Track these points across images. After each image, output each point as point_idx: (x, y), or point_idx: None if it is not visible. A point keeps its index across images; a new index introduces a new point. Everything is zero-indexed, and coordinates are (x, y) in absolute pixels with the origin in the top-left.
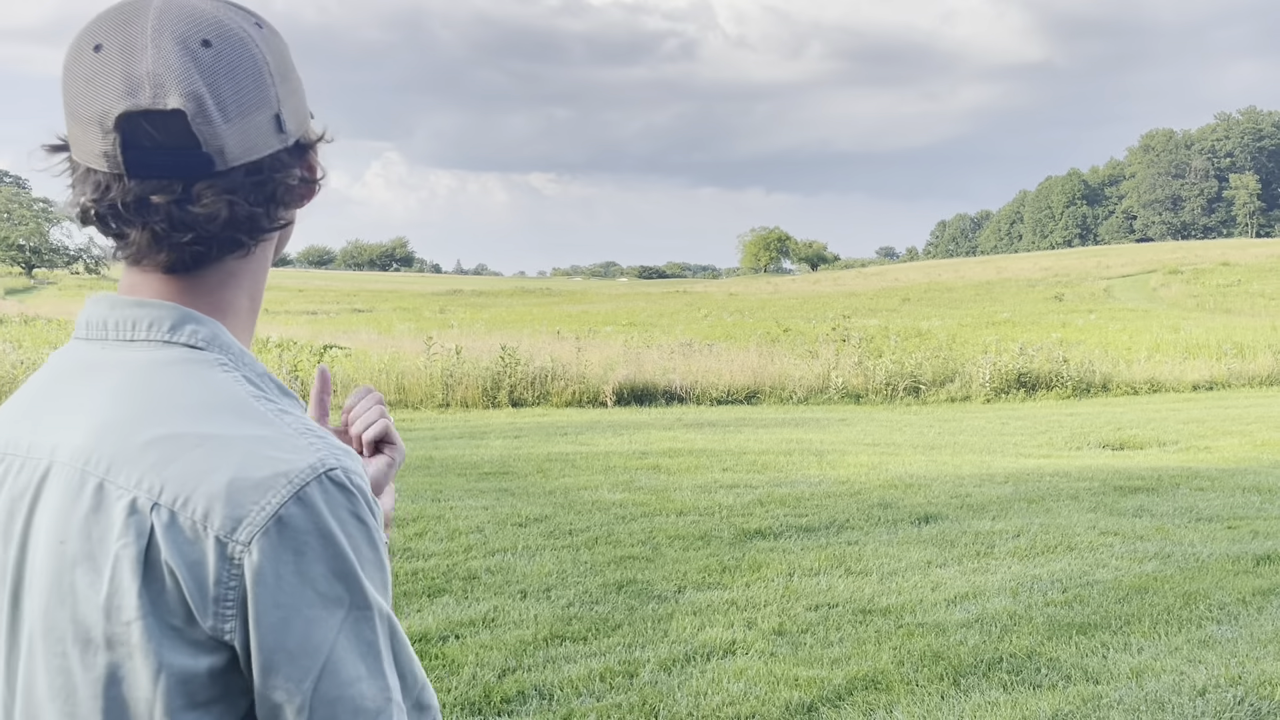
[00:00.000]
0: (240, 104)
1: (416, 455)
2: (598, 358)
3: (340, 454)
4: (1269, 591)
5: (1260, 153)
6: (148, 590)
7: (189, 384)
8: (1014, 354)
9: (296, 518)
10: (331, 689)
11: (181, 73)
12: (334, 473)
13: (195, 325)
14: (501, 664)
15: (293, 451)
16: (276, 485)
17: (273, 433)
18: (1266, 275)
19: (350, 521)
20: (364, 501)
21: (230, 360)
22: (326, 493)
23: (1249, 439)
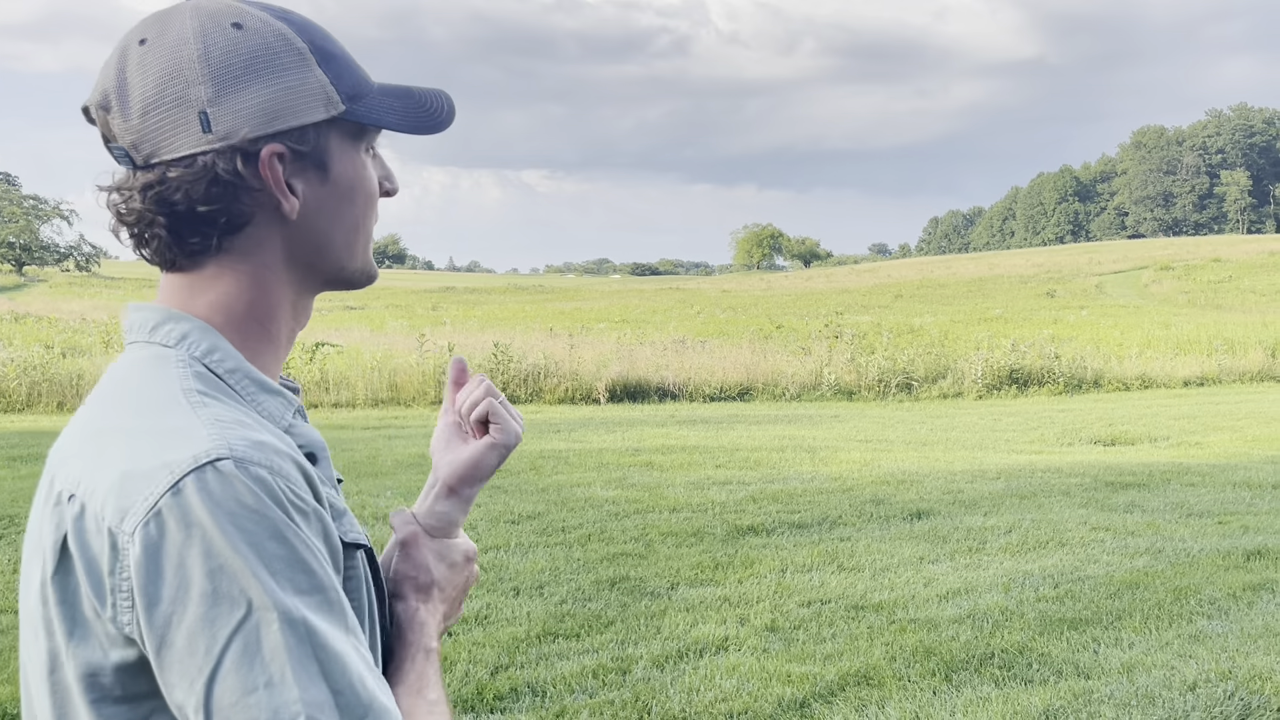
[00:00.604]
0: (145, 99)
1: (409, 453)
2: (591, 355)
3: (241, 444)
4: (1259, 586)
5: (1251, 149)
6: (60, 579)
7: (137, 381)
8: (1006, 350)
9: (174, 509)
10: (226, 694)
11: (109, 72)
12: (222, 463)
13: (172, 324)
14: (494, 661)
15: (184, 441)
16: (159, 476)
17: (177, 423)
18: (1257, 271)
19: (240, 513)
20: (263, 492)
21: (192, 356)
22: (207, 483)
23: (1240, 434)
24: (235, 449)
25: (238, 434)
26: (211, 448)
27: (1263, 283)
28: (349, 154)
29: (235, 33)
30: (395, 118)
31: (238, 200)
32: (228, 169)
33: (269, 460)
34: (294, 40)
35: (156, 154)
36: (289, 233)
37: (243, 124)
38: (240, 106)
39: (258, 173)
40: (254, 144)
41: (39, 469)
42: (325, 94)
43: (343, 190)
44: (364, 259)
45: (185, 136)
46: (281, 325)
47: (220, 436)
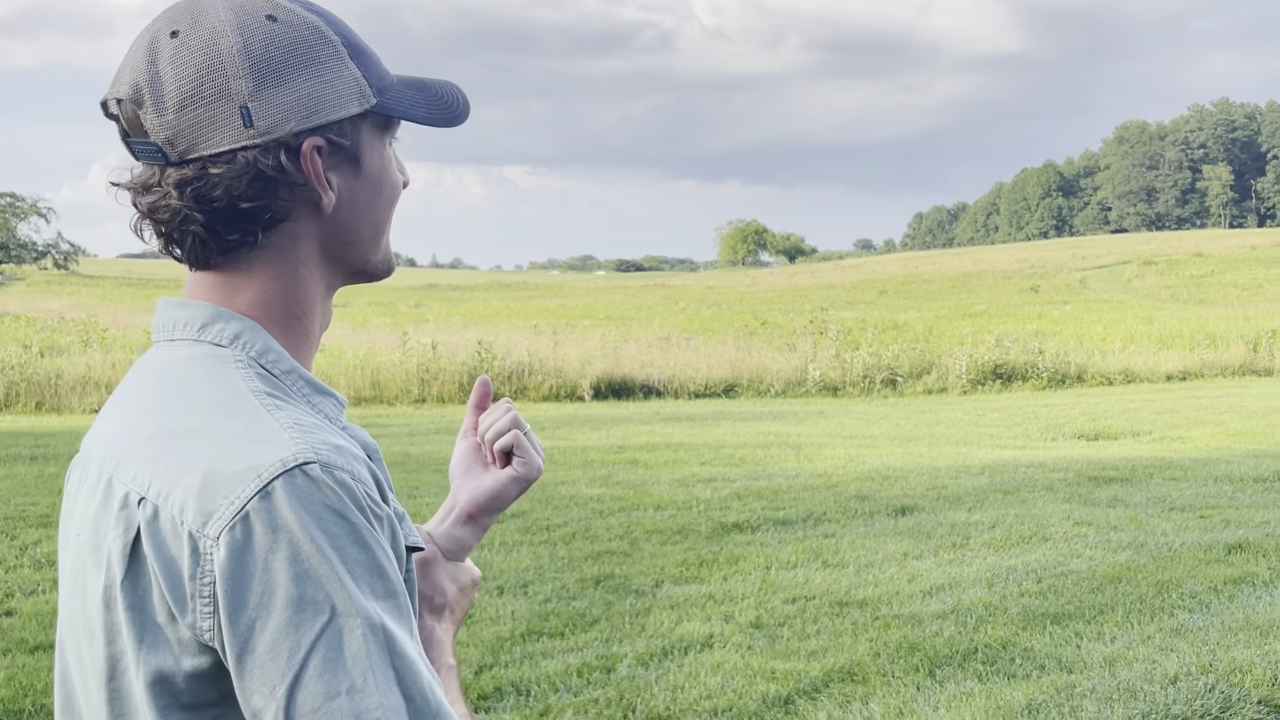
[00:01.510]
0: (182, 94)
1: (391, 451)
2: (575, 352)
3: (325, 448)
4: (1240, 580)
5: (1233, 144)
6: (131, 584)
7: (197, 380)
8: (990, 346)
9: (263, 513)
10: (309, 700)
11: (135, 64)
12: (309, 466)
13: (224, 324)
14: (479, 661)
15: (269, 445)
16: (245, 479)
17: (256, 427)
18: (1239, 266)
19: (328, 518)
20: (348, 497)
21: (250, 357)
22: (297, 487)
23: (1221, 428)
24: (320, 453)
25: (319, 438)
26: (298, 451)
27: (1244, 277)
28: (377, 147)
29: (271, 25)
30: (421, 110)
31: (278, 195)
32: (271, 164)
33: (350, 465)
34: (327, 33)
35: (194, 149)
36: (323, 227)
37: (285, 118)
38: (281, 100)
39: (299, 167)
40: (297, 138)
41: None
42: (359, 87)
43: (373, 183)
44: (386, 251)
45: (226, 131)
46: (316, 321)
47: (304, 440)
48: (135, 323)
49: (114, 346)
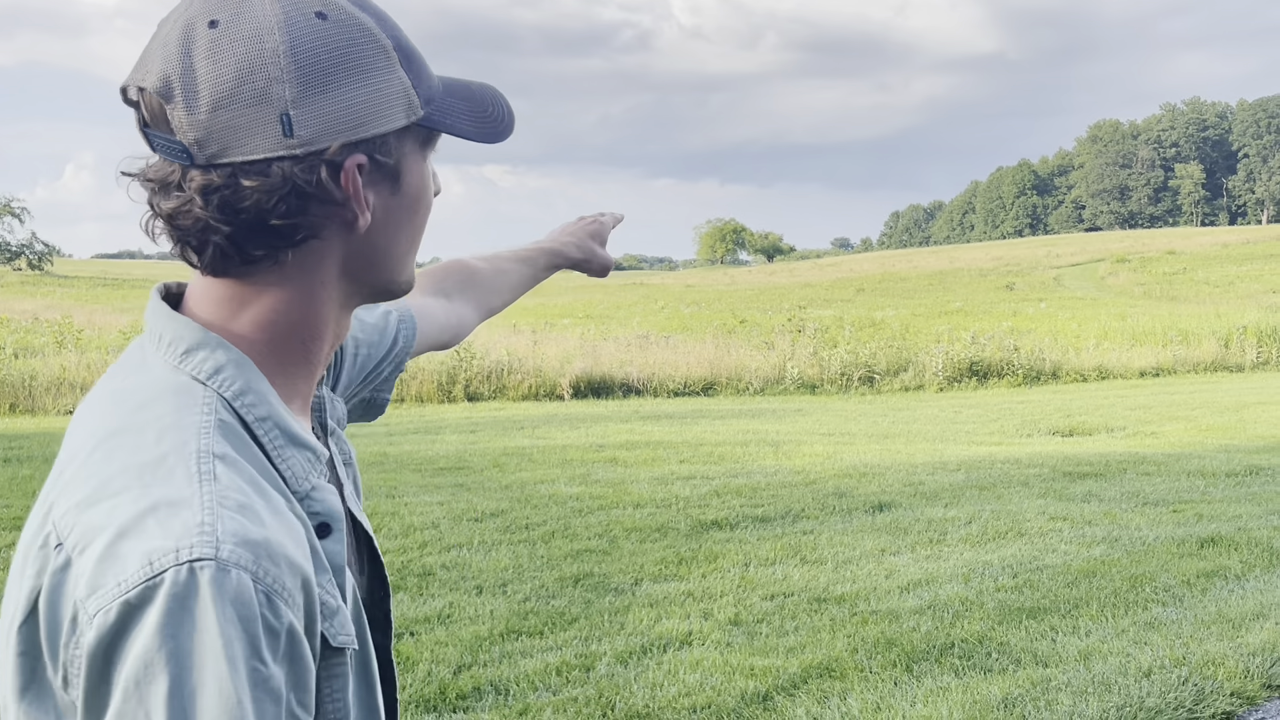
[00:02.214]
0: (217, 93)
1: (370, 451)
2: (554, 351)
3: (230, 544)
4: (1212, 574)
5: (1204, 143)
6: (29, 629)
7: (158, 421)
8: (966, 343)
9: (136, 611)
10: None
11: (167, 54)
12: (202, 567)
13: (208, 352)
14: (457, 660)
15: (177, 527)
16: (137, 565)
17: (178, 499)
18: (1211, 263)
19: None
20: (236, 615)
21: (223, 399)
22: (178, 591)
23: (1193, 424)
24: (222, 550)
25: (234, 526)
26: (197, 543)
27: (1216, 274)
28: (418, 162)
29: (320, 24)
30: (466, 124)
31: (311, 212)
32: (309, 179)
33: (259, 566)
34: (379, 36)
35: (225, 154)
36: (350, 246)
37: (327, 129)
38: (326, 110)
39: (339, 184)
40: (340, 152)
41: None
42: (407, 98)
43: (410, 201)
44: (411, 270)
45: (262, 138)
46: (324, 344)
47: (212, 528)
48: (110, 323)
49: (89, 347)
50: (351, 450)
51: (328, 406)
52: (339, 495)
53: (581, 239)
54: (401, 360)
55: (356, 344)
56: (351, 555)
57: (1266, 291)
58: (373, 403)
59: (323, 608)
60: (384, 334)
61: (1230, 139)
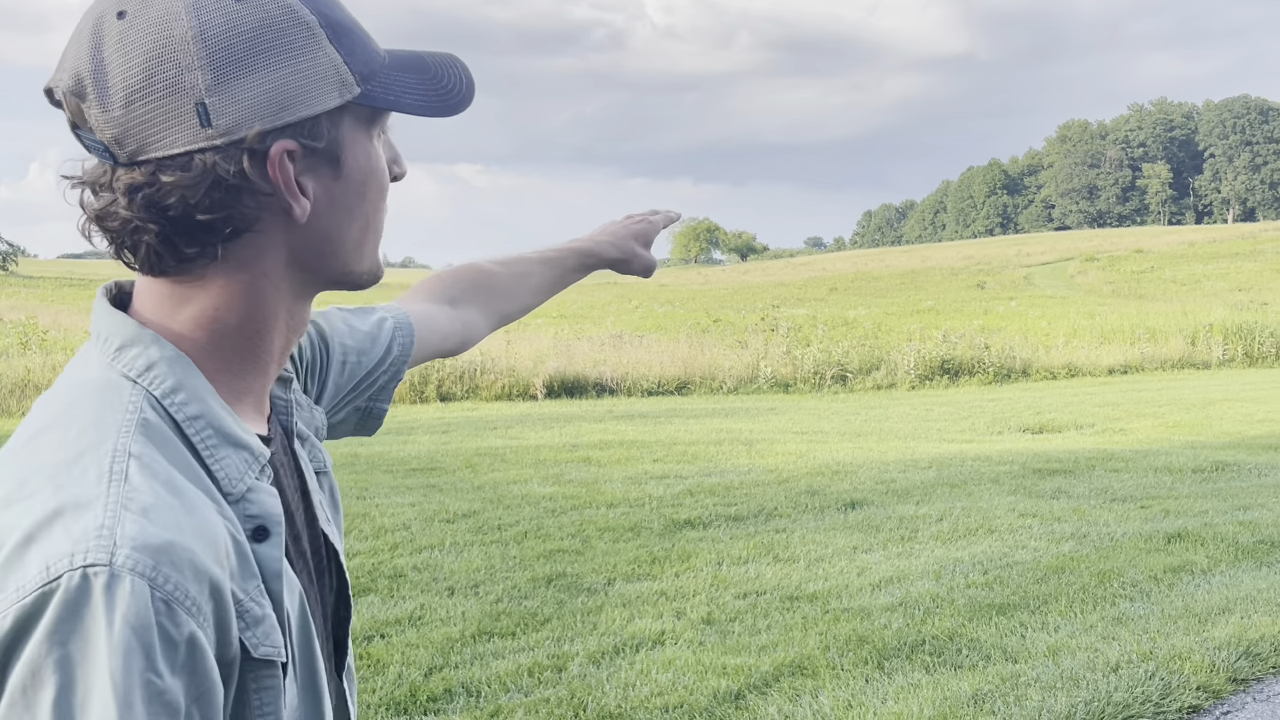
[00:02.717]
0: (129, 87)
1: (341, 452)
2: (528, 350)
3: (129, 549)
4: (1179, 569)
5: (1171, 143)
6: None
7: (82, 419)
8: (937, 341)
9: (29, 617)
10: None
11: (78, 51)
12: (94, 573)
13: (141, 349)
14: (428, 662)
15: (76, 531)
16: (34, 570)
17: (84, 500)
18: (1178, 262)
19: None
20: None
21: (151, 397)
22: (70, 599)
23: (1161, 420)
24: (118, 555)
25: (134, 530)
26: (93, 548)
27: (1182, 272)
28: (361, 142)
29: (234, 6)
30: (413, 98)
31: (241, 204)
32: (232, 170)
33: (156, 572)
34: (301, 12)
35: (144, 151)
36: (295, 236)
37: (248, 117)
38: (244, 96)
39: (266, 174)
40: (262, 140)
41: None
42: (339, 76)
43: (356, 185)
44: (373, 258)
45: (179, 131)
46: (274, 340)
47: (110, 531)
48: (77, 324)
49: (54, 349)
50: (327, 459)
51: (295, 410)
52: (280, 499)
53: (622, 239)
54: (398, 369)
55: (345, 351)
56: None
57: (1232, 290)
58: (369, 413)
59: (244, 615)
60: (376, 341)
61: (1196, 139)
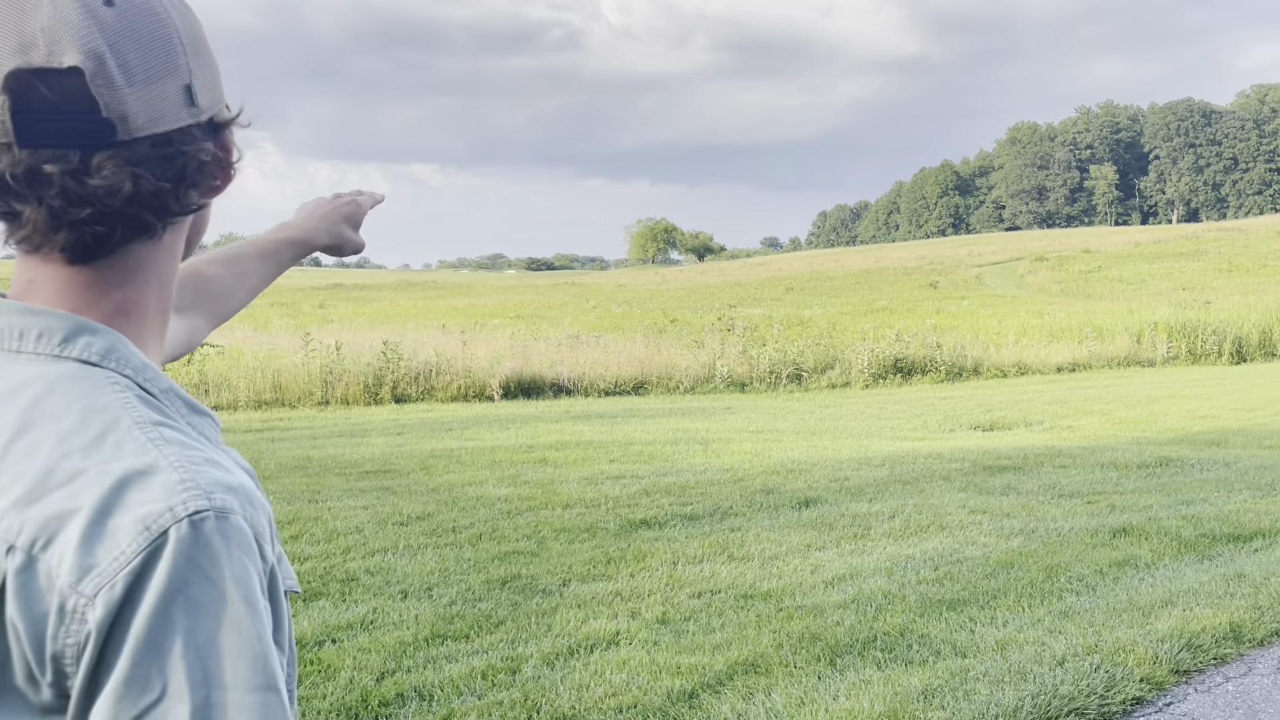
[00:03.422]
0: (146, 68)
1: (293, 456)
2: (484, 351)
3: (218, 491)
4: (1124, 563)
5: (1118, 145)
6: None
7: (71, 408)
8: (891, 341)
9: (143, 575)
10: None
11: (81, 29)
12: (201, 519)
13: (90, 337)
14: (380, 667)
15: (158, 489)
16: (132, 534)
17: (143, 465)
18: (1124, 261)
19: (210, 592)
20: (237, 556)
21: (125, 377)
22: (183, 546)
23: (1108, 417)
24: (214, 499)
25: (213, 477)
26: (188, 498)
27: (1129, 272)
28: None
29: (178, 3)
30: None
31: (212, 177)
32: (210, 144)
33: (246, 510)
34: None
35: (147, 127)
36: (200, 213)
37: (213, 99)
38: (207, 80)
39: (227, 147)
40: (225, 119)
41: None
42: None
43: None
44: None
45: (176, 110)
46: (169, 320)
47: (195, 482)
48: None
49: None
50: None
51: None
52: None
53: (333, 222)
54: None
55: None
56: None
57: (1176, 289)
58: None
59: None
60: None
61: (1142, 141)
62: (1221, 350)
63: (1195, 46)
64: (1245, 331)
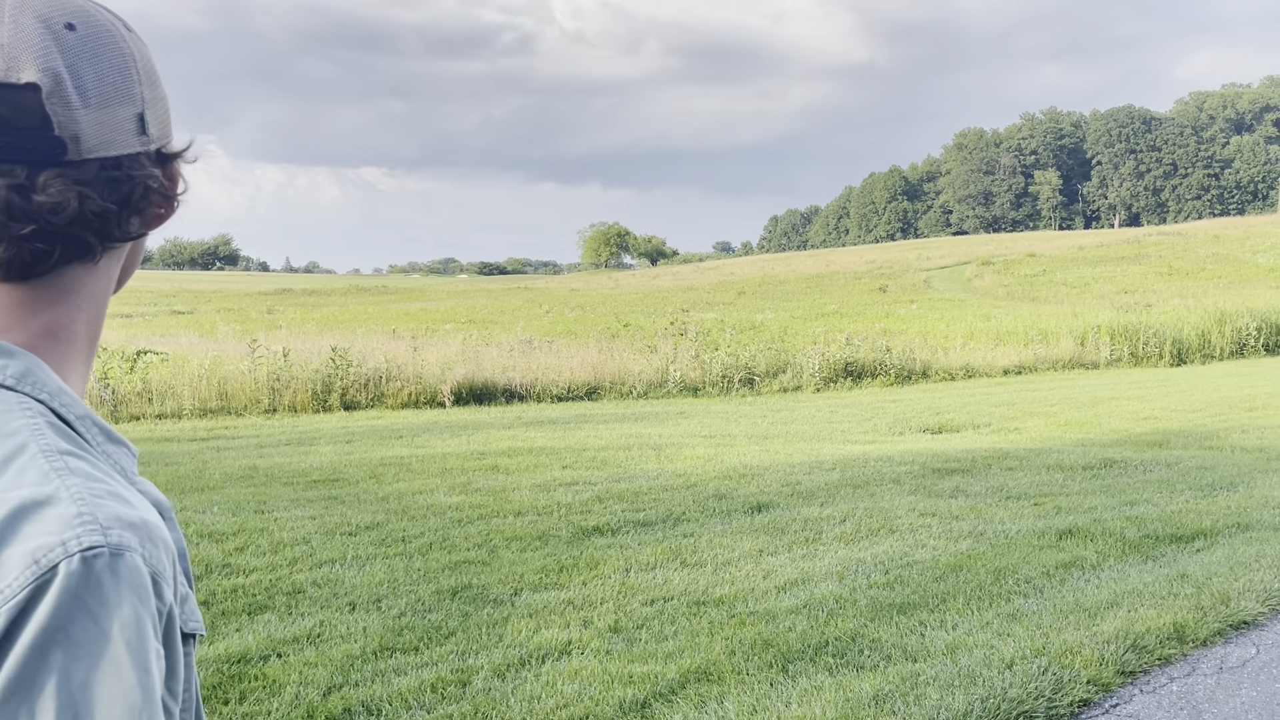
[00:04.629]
0: (102, 92)
1: (239, 465)
2: (435, 357)
3: (116, 526)
4: (1070, 564)
5: (1061, 150)
6: None
7: None
8: (841, 344)
9: (26, 610)
10: None
11: (41, 48)
12: (94, 555)
13: (5, 359)
14: (327, 681)
15: (54, 522)
16: (21, 566)
17: (42, 495)
18: (1068, 265)
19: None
20: (128, 597)
21: (39, 402)
22: (71, 584)
23: (1053, 419)
24: (110, 535)
25: (112, 511)
26: (83, 532)
27: (1073, 276)
28: None
29: (132, 36)
30: None
31: (155, 205)
32: (158, 172)
33: (145, 549)
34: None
35: (97, 150)
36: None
37: (163, 129)
38: (158, 110)
39: (174, 178)
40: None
41: None
42: None
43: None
44: None
45: (127, 135)
46: (97, 345)
47: (92, 516)
48: None
49: None
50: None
51: None
52: None
53: None
54: None
55: None
56: None
57: (1119, 292)
58: None
59: (179, 592)
60: None
61: (1084, 147)
62: (1162, 352)
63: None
64: (1185, 334)
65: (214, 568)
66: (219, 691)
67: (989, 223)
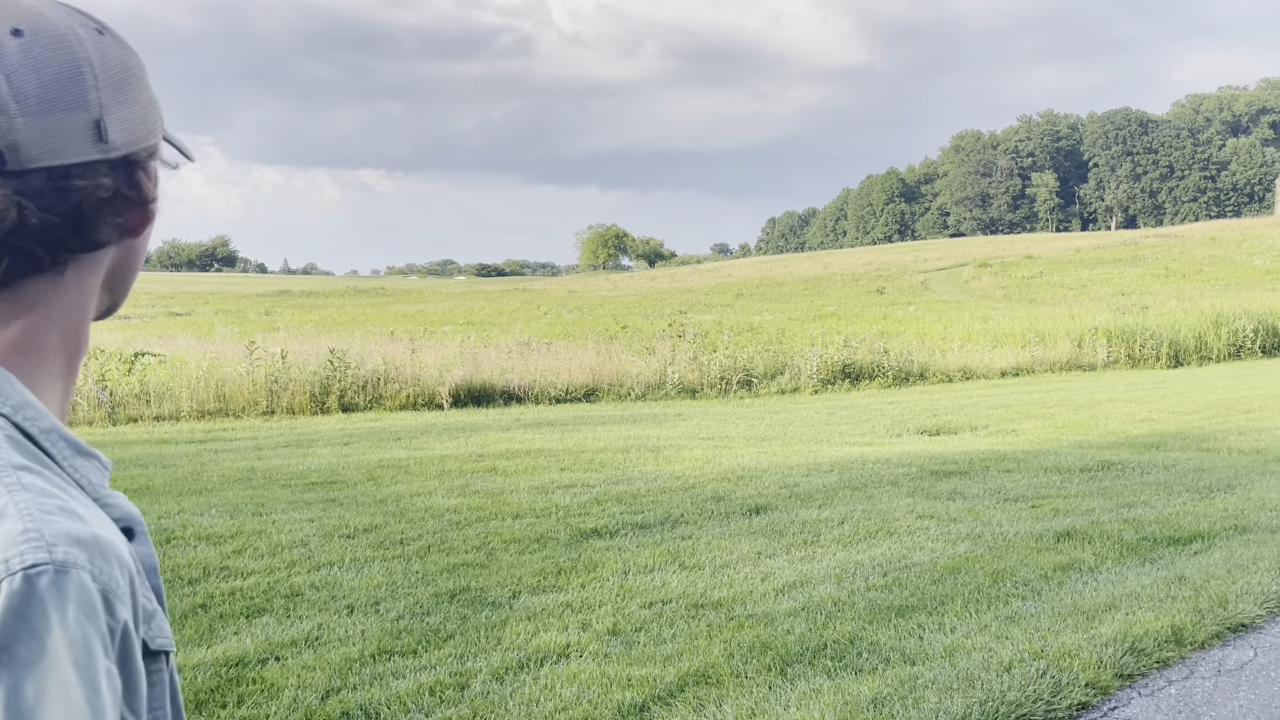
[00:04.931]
0: (45, 99)
1: (237, 467)
2: (433, 359)
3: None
4: (1068, 567)
5: (1058, 152)
6: None
7: None
8: (839, 346)
9: None
10: None
11: None
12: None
13: None
14: (325, 684)
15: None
16: None
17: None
18: (1065, 267)
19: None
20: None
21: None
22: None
23: (1051, 421)
24: (56, 552)
25: (61, 527)
26: (27, 550)
27: (1070, 277)
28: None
29: (103, 39)
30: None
31: (115, 217)
32: (118, 182)
33: (95, 565)
34: (135, 53)
35: (40, 159)
36: (120, 254)
37: (131, 136)
38: (127, 116)
39: (140, 191)
40: (143, 157)
41: None
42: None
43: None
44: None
45: (78, 143)
46: (80, 359)
47: (38, 533)
48: None
49: None
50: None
51: None
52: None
53: None
54: None
55: None
56: None
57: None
58: None
59: (142, 609)
60: None
61: (1081, 149)
62: (1159, 354)
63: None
64: (1181, 336)
65: (211, 570)
66: (216, 695)
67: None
